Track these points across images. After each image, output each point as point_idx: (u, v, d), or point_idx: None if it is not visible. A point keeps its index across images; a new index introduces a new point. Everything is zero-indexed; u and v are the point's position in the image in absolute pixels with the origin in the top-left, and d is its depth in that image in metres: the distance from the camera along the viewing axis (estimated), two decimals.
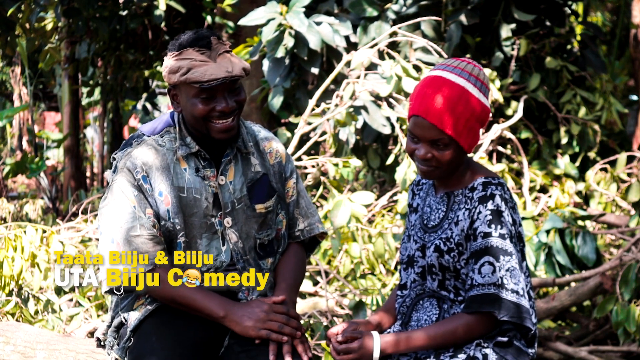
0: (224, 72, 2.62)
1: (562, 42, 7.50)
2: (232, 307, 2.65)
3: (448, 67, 2.54)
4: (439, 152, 2.52)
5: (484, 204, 2.49)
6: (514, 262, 2.47)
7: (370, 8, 6.48)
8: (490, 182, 2.52)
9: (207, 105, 2.65)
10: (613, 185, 6.84)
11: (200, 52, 2.64)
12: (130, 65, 9.34)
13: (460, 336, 2.49)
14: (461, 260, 2.52)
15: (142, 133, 2.80)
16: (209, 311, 2.64)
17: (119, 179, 2.71)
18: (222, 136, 2.69)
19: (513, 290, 2.45)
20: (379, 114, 5.69)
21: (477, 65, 2.56)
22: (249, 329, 2.63)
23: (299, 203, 2.93)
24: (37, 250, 4.60)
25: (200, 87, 2.62)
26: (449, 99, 2.48)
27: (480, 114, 2.52)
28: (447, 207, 2.58)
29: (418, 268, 2.62)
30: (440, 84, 2.51)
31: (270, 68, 6.19)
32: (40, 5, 7.49)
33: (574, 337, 5.19)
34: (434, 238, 2.58)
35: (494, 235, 2.47)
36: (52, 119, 18.09)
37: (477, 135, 2.54)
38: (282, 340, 2.62)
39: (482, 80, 2.54)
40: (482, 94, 2.52)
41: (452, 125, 2.48)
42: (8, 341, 3.48)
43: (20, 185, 14.43)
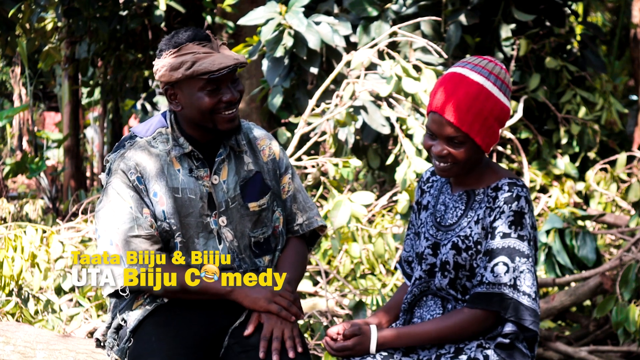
0: (232, 60, 2.63)
1: (562, 42, 7.50)
2: (238, 285, 2.66)
3: (468, 65, 2.52)
4: (455, 150, 2.50)
5: (509, 204, 2.48)
6: (529, 264, 2.46)
7: (370, 8, 6.48)
8: (516, 183, 2.51)
9: (214, 97, 2.66)
10: (613, 185, 6.84)
11: (201, 45, 2.65)
12: (130, 65, 9.34)
13: (460, 331, 2.49)
14: (478, 259, 2.51)
15: (134, 134, 2.79)
16: (216, 289, 2.65)
17: (113, 180, 2.70)
18: (228, 126, 2.70)
19: (525, 293, 2.45)
20: (379, 114, 5.69)
21: (500, 64, 2.53)
22: (259, 300, 2.64)
23: (296, 198, 2.93)
24: (37, 250, 4.60)
25: (209, 77, 2.62)
26: (466, 96, 2.47)
27: (499, 114, 2.50)
28: (467, 206, 2.57)
29: (426, 266, 2.60)
30: (458, 81, 2.49)
31: (269, 68, 6.19)
32: (40, 5, 7.49)
33: (574, 337, 5.19)
34: (450, 236, 2.56)
35: (513, 236, 2.46)
36: (52, 119, 18.08)
37: (495, 135, 2.52)
38: (290, 318, 2.63)
39: (502, 79, 2.51)
40: (502, 93, 2.50)
41: (468, 123, 2.47)
42: (8, 341, 3.48)
43: (20, 185, 14.42)
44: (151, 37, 9.05)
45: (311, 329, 4.67)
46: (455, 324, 2.49)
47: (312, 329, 4.66)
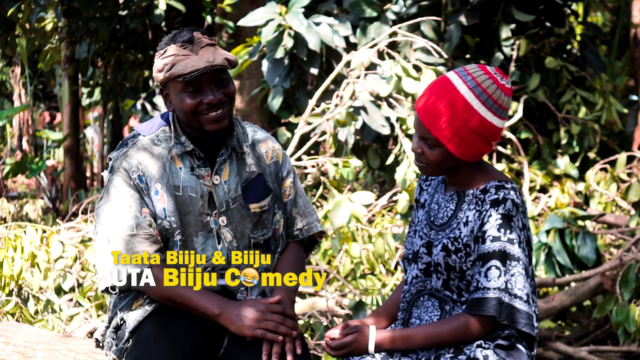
0: (205, 63, 2.62)
1: (562, 42, 7.50)
2: (227, 306, 2.64)
3: (463, 72, 2.50)
4: (428, 151, 2.52)
5: (496, 207, 2.48)
6: (520, 267, 2.46)
7: (369, 9, 6.48)
8: (504, 185, 2.51)
9: (195, 98, 2.66)
10: (613, 185, 6.84)
11: (182, 47, 2.65)
12: (130, 65, 9.34)
13: (459, 336, 2.49)
14: (467, 262, 2.52)
15: (137, 133, 2.80)
16: (204, 310, 2.63)
17: (115, 179, 2.71)
18: (214, 127, 2.69)
19: (517, 296, 2.45)
20: (379, 114, 5.69)
21: (495, 79, 2.48)
22: (244, 328, 2.62)
23: (297, 202, 2.93)
24: (37, 250, 4.60)
25: (184, 80, 2.63)
26: (442, 102, 2.47)
27: (477, 127, 2.46)
28: (457, 206, 2.57)
29: (422, 264, 2.61)
30: (442, 86, 2.49)
31: (269, 68, 6.19)
32: (40, 5, 7.48)
33: (574, 337, 5.19)
34: (441, 237, 2.57)
35: (503, 239, 2.46)
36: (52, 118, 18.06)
37: (473, 147, 2.49)
38: (277, 340, 2.60)
39: (489, 94, 2.47)
40: (484, 106, 2.46)
41: (439, 128, 2.47)
42: (8, 341, 3.48)
43: (20, 185, 14.42)
44: (151, 37, 9.05)
45: (311, 329, 4.67)
46: (455, 329, 2.50)
47: (312, 329, 4.66)
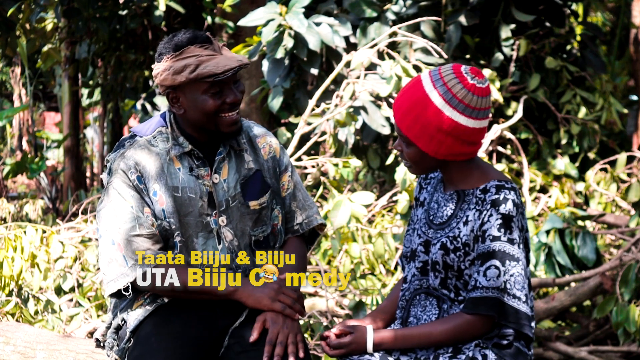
0: (236, 62, 2.64)
1: (562, 42, 7.50)
2: (242, 282, 2.66)
3: (435, 71, 2.52)
4: (406, 149, 2.55)
5: (496, 207, 2.48)
6: (519, 268, 2.47)
7: (369, 9, 6.48)
8: (504, 185, 2.51)
9: (218, 99, 2.66)
10: (613, 185, 6.84)
11: (203, 48, 2.64)
12: (130, 65, 9.33)
13: (458, 336, 2.50)
14: (466, 261, 2.52)
15: (134, 134, 2.79)
16: (218, 289, 2.64)
17: (114, 180, 2.71)
18: (232, 129, 2.71)
19: (515, 296, 2.46)
20: (379, 114, 5.69)
21: (463, 79, 2.47)
22: (263, 299, 2.64)
23: (296, 196, 2.93)
24: (37, 250, 4.61)
25: (213, 80, 2.62)
26: (407, 100, 2.51)
27: (442, 126, 2.46)
28: (457, 206, 2.57)
29: (419, 263, 2.61)
30: (412, 84, 2.53)
31: (269, 68, 6.19)
32: (40, 5, 7.48)
33: (574, 337, 5.19)
34: (440, 235, 2.57)
35: (503, 239, 2.47)
36: (52, 119, 18.07)
37: (444, 145, 2.49)
38: (294, 316, 2.64)
39: (454, 93, 2.46)
40: (449, 106, 2.46)
41: (406, 126, 2.51)
42: (8, 341, 3.48)
43: (20, 185, 14.42)
44: (151, 37, 9.05)
45: (311, 329, 4.67)
46: (453, 328, 2.50)
47: (312, 329, 4.66)
